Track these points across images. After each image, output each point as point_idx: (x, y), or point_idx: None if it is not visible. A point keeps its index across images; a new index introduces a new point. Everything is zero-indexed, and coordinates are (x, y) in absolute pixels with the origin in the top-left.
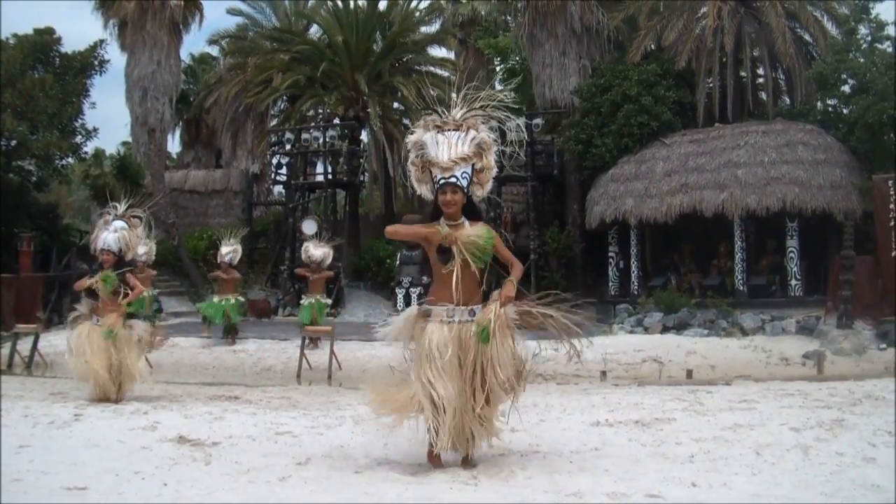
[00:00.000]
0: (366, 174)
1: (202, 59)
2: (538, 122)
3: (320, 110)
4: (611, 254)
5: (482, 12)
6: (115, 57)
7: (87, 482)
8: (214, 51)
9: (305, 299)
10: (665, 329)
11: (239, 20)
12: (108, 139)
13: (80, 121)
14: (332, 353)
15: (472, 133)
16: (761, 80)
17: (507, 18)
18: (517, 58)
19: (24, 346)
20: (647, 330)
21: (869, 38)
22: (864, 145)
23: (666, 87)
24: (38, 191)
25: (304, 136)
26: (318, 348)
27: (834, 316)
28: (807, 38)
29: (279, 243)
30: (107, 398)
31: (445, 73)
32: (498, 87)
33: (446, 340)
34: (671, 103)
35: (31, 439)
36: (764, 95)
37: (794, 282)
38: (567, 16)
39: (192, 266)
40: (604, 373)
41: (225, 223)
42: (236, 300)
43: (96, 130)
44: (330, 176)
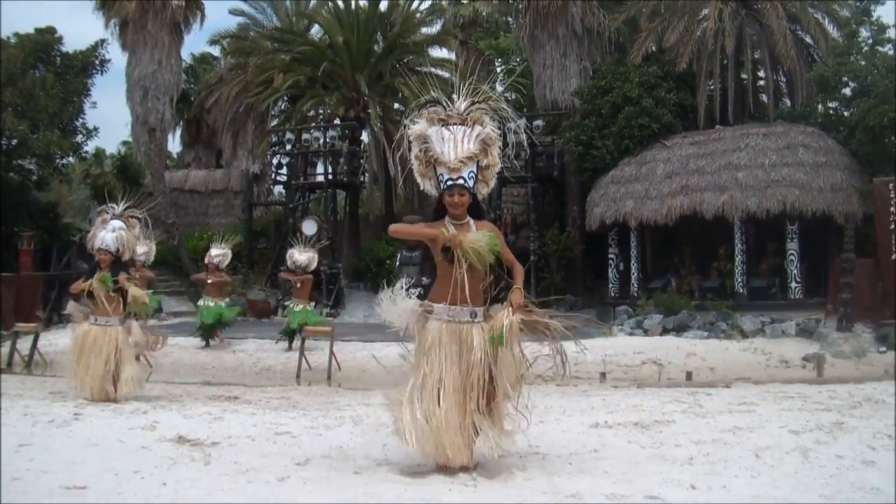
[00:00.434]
0: (366, 175)
1: (203, 59)
2: (539, 124)
3: (321, 111)
4: (611, 255)
5: (483, 13)
6: (116, 56)
7: (86, 481)
8: (215, 51)
9: (295, 304)
10: (665, 331)
11: (240, 20)
12: (109, 139)
13: (80, 120)
14: (332, 353)
15: (477, 128)
16: (762, 83)
17: (509, 19)
18: (518, 59)
19: (24, 344)
20: (646, 332)
21: (870, 41)
22: (865, 148)
23: (667, 89)
24: (39, 190)
25: (305, 136)
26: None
27: (834, 319)
28: (808, 40)
29: (279, 243)
30: (105, 399)
31: (446, 74)
32: (498, 87)
33: (446, 338)
34: (672, 105)
35: (31, 438)
36: (765, 98)
37: (794, 284)
38: (568, 17)
39: (192, 266)
40: (603, 374)
41: (225, 223)
42: (216, 304)
43: (97, 130)
44: (330, 176)
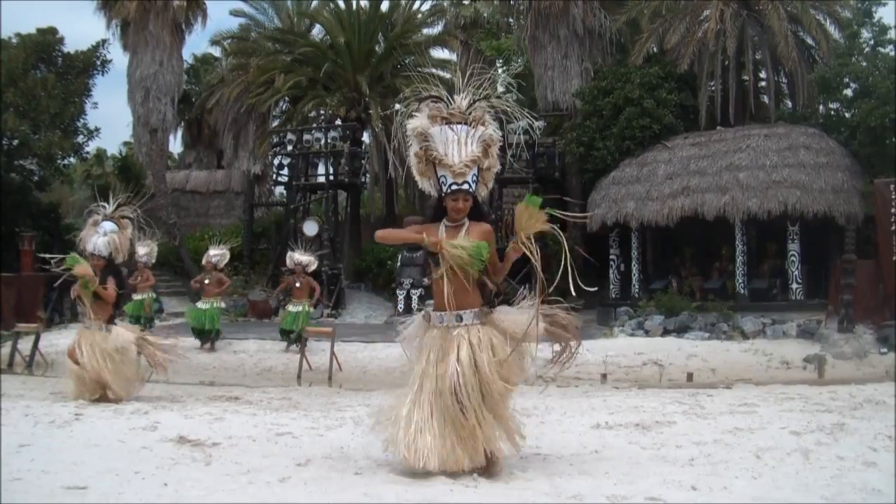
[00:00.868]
0: (367, 175)
1: (204, 60)
2: (540, 125)
3: (322, 111)
4: (612, 256)
5: (484, 14)
6: (118, 57)
7: (87, 482)
8: (217, 51)
9: (293, 305)
10: (666, 332)
11: (241, 21)
12: (110, 139)
13: (81, 121)
14: (333, 354)
15: (479, 129)
16: (763, 84)
17: (510, 21)
18: (519, 60)
19: (25, 345)
20: (647, 333)
21: (871, 42)
22: (866, 149)
23: (668, 90)
24: (40, 190)
25: (306, 137)
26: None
27: (835, 320)
28: (809, 41)
29: (280, 244)
30: (104, 399)
31: (447, 75)
32: (499, 88)
33: (431, 344)
34: (673, 106)
35: (32, 438)
36: (766, 99)
37: (795, 285)
38: (569, 18)
39: (192, 267)
40: (604, 375)
41: (226, 224)
42: (210, 306)
43: (98, 130)
44: (331, 177)
